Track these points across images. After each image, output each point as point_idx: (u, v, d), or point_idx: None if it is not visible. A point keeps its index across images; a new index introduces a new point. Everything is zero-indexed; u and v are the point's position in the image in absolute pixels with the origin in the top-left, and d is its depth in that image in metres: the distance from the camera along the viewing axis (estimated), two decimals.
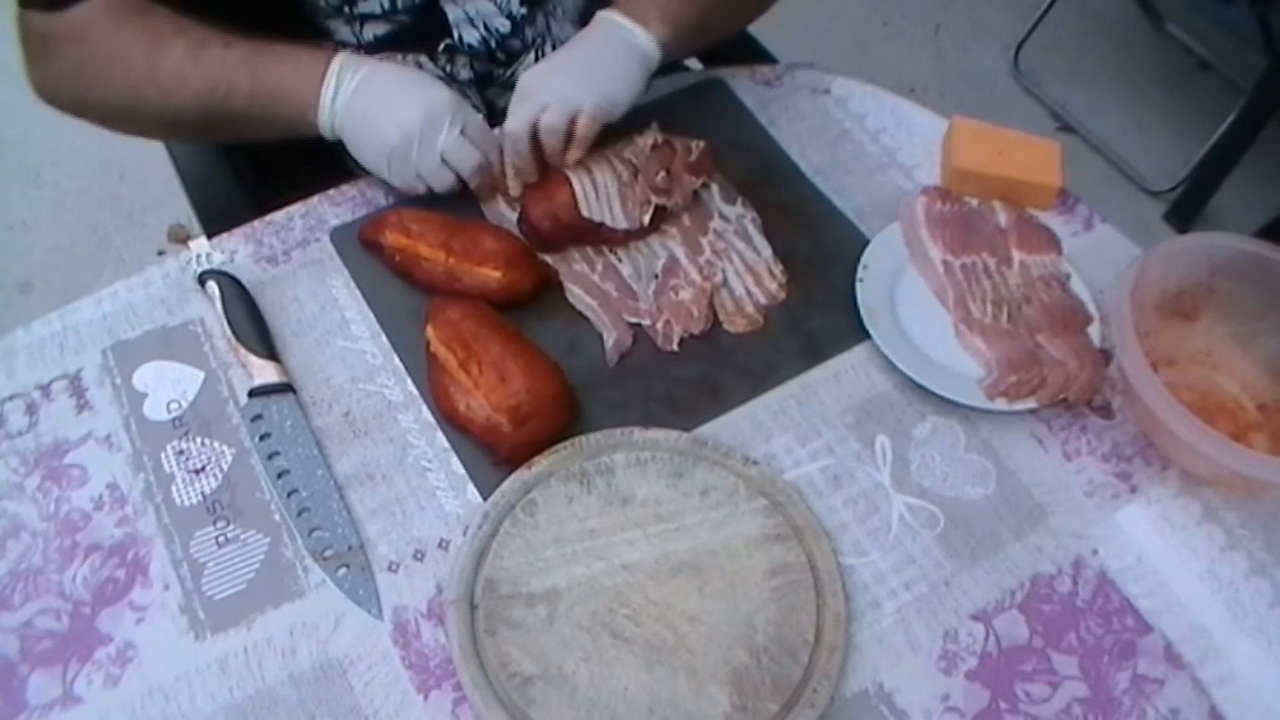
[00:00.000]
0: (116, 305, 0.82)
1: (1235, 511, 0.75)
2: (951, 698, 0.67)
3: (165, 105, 0.82)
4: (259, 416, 0.75)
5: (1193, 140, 1.98)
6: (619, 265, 0.85)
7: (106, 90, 0.83)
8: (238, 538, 0.71)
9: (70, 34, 0.81)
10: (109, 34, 0.81)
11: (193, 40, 0.81)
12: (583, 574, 0.69)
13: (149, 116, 0.85)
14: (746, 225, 0.88)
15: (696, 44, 0.95)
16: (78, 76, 0.83)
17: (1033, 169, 0.90)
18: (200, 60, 0.81)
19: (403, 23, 0.91)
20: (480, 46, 0.94)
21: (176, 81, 0.81)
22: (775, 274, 0.85)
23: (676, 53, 0.89)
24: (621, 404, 0.78)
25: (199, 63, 0.81)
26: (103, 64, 0.82)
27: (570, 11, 0.99)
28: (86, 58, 0.81)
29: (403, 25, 0.92)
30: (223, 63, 0.81)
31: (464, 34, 0.93)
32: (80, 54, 0.81)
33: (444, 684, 0.66)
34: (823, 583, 0.69)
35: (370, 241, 0.84)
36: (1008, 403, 0.77)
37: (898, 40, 2.31)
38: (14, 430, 0.76)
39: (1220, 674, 0.68)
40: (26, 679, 0.66)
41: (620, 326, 0.81)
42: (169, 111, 0.83)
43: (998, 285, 0.84)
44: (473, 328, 0.76)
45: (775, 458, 0.76)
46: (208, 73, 0.81)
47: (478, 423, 0.74)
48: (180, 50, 0.81)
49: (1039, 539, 0.73)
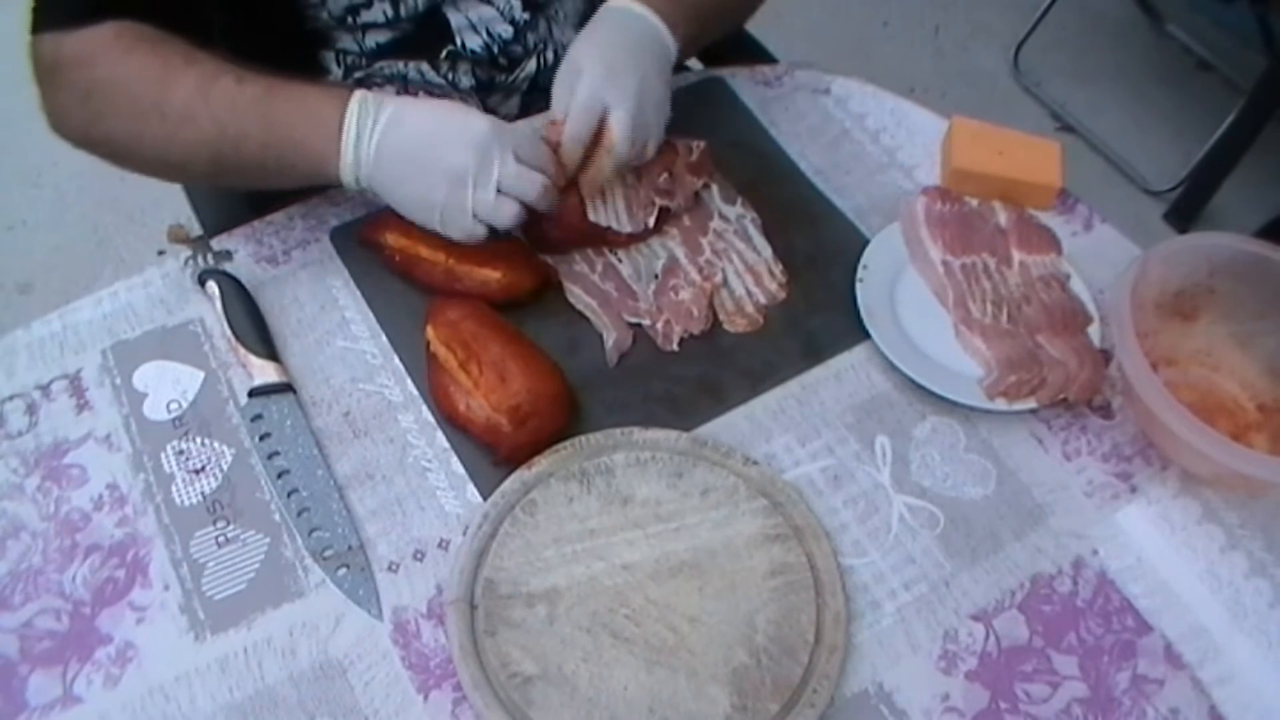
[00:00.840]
0: (116, 305, 0.82)
1: (1235, 511, 0.75)
2: (951, 698, 0.67)
3: (171, 144, 0.77)
4: (259, 416, 0.75)
5: (1193, 140, 1.99)
6: (619, 265, 0.85)
7: (112, 122, 0.77)
8: (237, 538, 0.71)
9: (79, 58, 0.76)
10: (118, 59, 0.76)
11: (204, 73, 0.76)
12: (583, 574, 0.69)
13: (154, 155, 0.79)
14: (746, 225, 0.88)
15: (699, 45, 0.95)
16: (84, 106, 0.77)
17: (1033, 169, 0.90)
18: (210, 98, 0.75)
19: (406, 30, 0.91)
20: (483, 53, 0.94)
21: (184, 120, 0.75)
22: (775, 274, 0.85)
23: (685, 55, 0.89)
24: (622, 404, 0.78)
25: (208, 101, 0.75)
26: (109, 92, 0.76)
27: (571, 15, 0.99)
28: (93, 84, 0.76)
29: (405, 33, 0.91)
30: (233, 105, 0.75)
31: (466, 40, 0.93)
32: (87, 80, 0.76)
33: (444, 684, 0.66)
34: (823, 583, 0.69)
35: (370, 242, 0.84)
36: (1007, 403, 0.77)
37: (898, 40, 2.31)
38: (14, 430, 0.76)
39: (1220, 674, 0.68)
40: (27, 679, 0.66)
41: (620, 326, 0.81)
42: (175, 152, 0.77)
43: (997, 285, 0.84)
44: (473, 328, 0.76)
45: (775, 458, 0.76)
46: (218, 113, 0.75)
47: (478, 423, 0.74)
48: (190, 84, 0.75)
49: (1039, 539, 0.73)
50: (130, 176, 0.84)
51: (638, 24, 0.82)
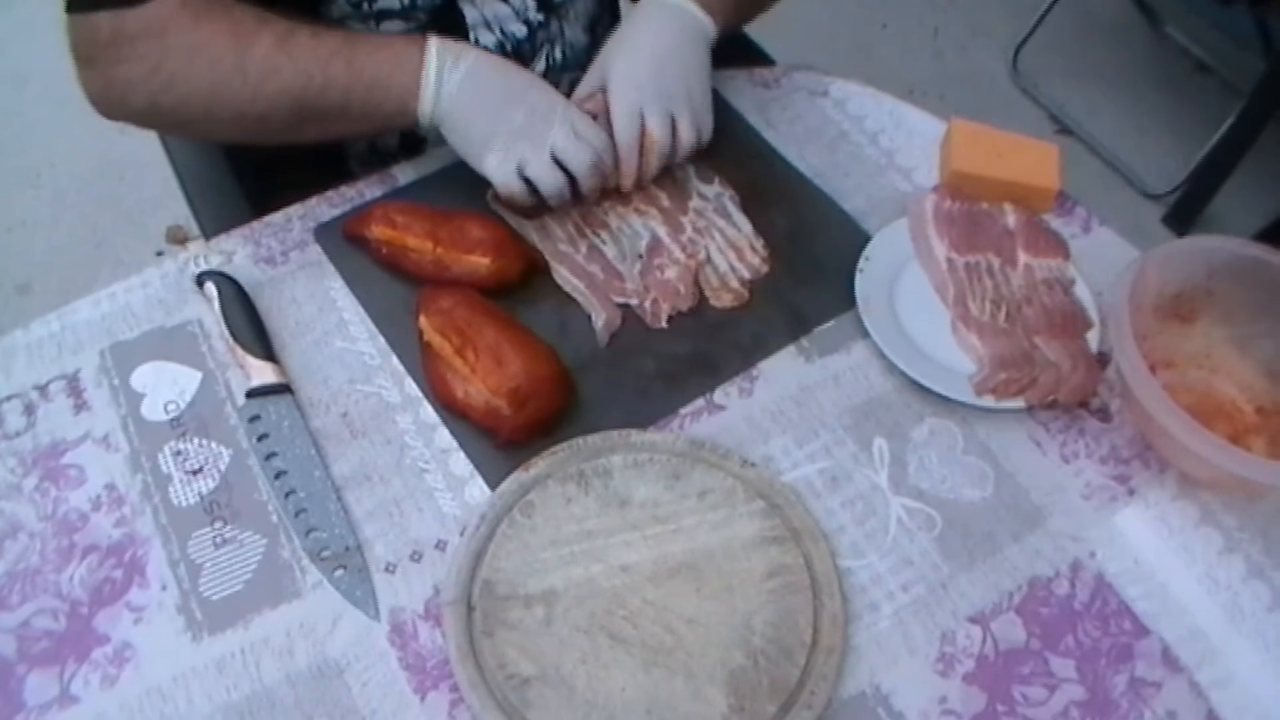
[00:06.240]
0: (115, 306, 0.82)
1: (1233, 514, 0.75)
2: (949, 700, 0.67)
3: (254, 100, 0.79)
4: (257, 417, 0.75)
5: (1191, 143, 1.99)
6: (603, 247, 0.86)
7: (187, 88, 0.78)
8: (235, 538, 0.71)
9: (145, 30, 0.76)
10: (189, 27, 0.77)
11: (279, 31, 0.78)
12: (580, 575, 0.69)
13: (233, 114, 0.80)
14: (725, 203, 0.89)
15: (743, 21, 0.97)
16: (153, 76, 0.78)
17: (1031, 172, 0.90)
18: (291, 52, 0.78)
19: (420, 21, 0.91)
20: (495, 50, 0.94)
21: (267, 74, 0.78)
22: (757, 248, 0.87)
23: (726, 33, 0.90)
24: (616, 382, 0.79)
25: (290, 55, 0.78)
26: (184, 59, 0.77)
27: (582, 16, 0.99)
28: (165, 54, 0.77)
29: (420, 24, 0.91)
30: (315, 53, 0.79)
31: (480, 37, 0.93)
32: (157, 51, 0.77)
33: (441, 685, 0.66)
34: (820, 585, 0.69)
35: (355, 236, 0.84)
36: (995, 400, 0.77)
37: (896, 42, 2.31)
38: (12, 431, 0.76)
39: (1218, 677, 0.68)
40: (24, 679, 0.66)
41: (609, 306, 0.82)
42: (257, 107, 0.79)
43: (999, 285, 0.84)
44: (465, 314, 0.76)
45: (773, 459, 0.76)
46: (301, 64, 0.78)
47: (477, 408, 0.74)
48: (268, 41, 0.78)
49: (1037, 541, 0.73)
50: (129, 177, 0.84)
51: (673, 16, 0.85)
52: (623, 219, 0.88)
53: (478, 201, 0.87)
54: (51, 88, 1.80)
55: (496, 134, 0.80)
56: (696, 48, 0.85)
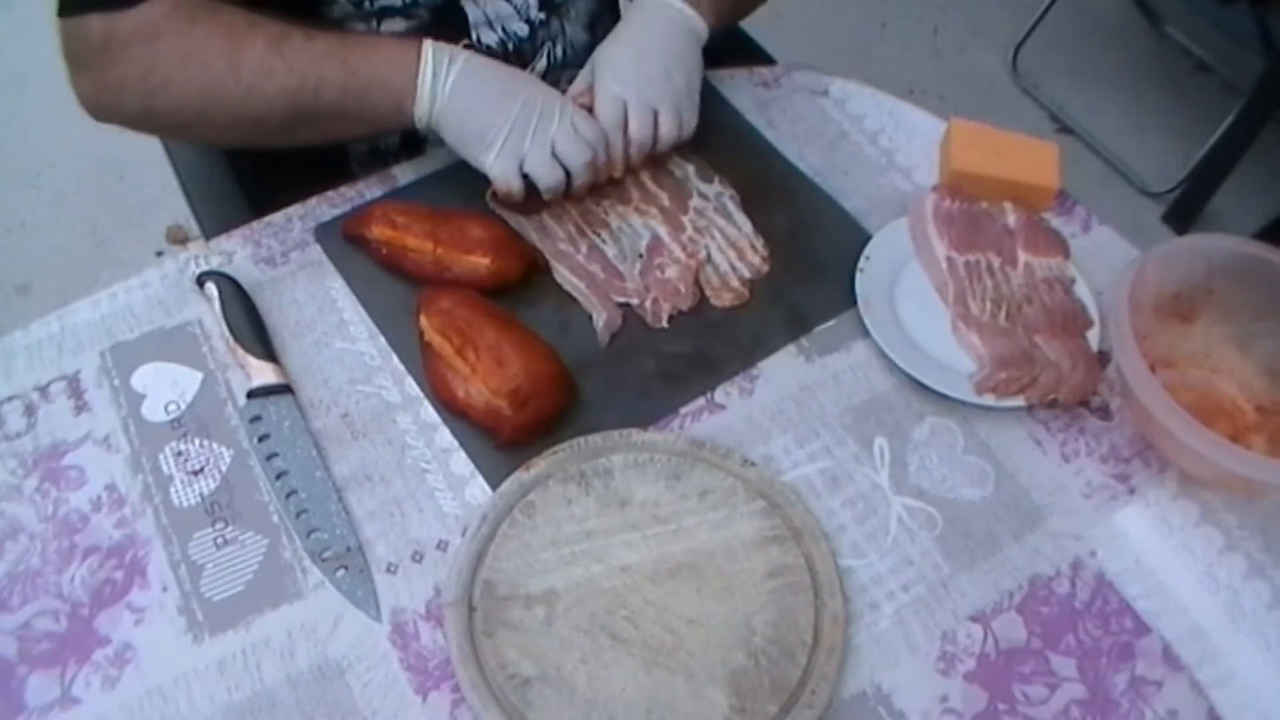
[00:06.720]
0: (115, 306, 0.82)
1: (1233, 513, 0.75)
2: (950, 699, 0.67)
3: (248, 103, 0.78)
4: (257, 418, 0.75)
5: (1191, 142, 1.99)
6: (603, 247, 0.86)
7: (180, 91, 0.78)
8: (236, 539, 0.71)
9: (137, 34, 0.76)
10: (182, 30, 0.77)
11: (273, 34, 0.78)
12: (581, 576, 0.69)
13: (227, 117, 0.80)
14: (725, 202, 0.89)
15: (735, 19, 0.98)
16: (146, 80, 0.77)
17: (1031, 171, 0.90)
18: (285, 54, 0.78)
19: (422, 20, 0.91)
20: (497, 48, 0.95)
21: (261, 77, 0.78)
22: (757, 247, 0.87)
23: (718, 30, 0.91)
24: (617, 382, 0.79)
25: (284, 56, 0.78)
26: (177, 63, 0.77)
27: (582, 15, 0.99)
28: (157, 58, 0.77)
29: (422, 23, 0.91)
30: (309, 55, 0.78)
31: (482, 36, 0.93)
32: (150, 55, 0.77)
33: (442, 685, 0.66)
34: (821, 584, 0.69)
35: (355, 236, 0.84)
36: (995, 399, 0.77)
37: (896, 41, 2.31)
38: (12, 432, 0.76)
39: (1218, 675, 0.68)
40: (25, 680, 0.66)
41: (609, 306, 0.83)
42: (252, 110, 0.79)
43: (999, 284, 0.84)
44: (466, 315, 0.76)
45: (773, 459, 0.76)
46: (296, 66, 0.78)
47: (477, 408, 0.74)
48: (262, 44, 0.78)
49: (1037, 540, 0.73)
50: (129, 177, 0.84)
51: (661, 13, 0.86)
52: (623, 218, 0.88)
53: (478, 201, 0.87)
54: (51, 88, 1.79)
55: (496, 130, 0.80)
56: (682, 42, 0.86)
